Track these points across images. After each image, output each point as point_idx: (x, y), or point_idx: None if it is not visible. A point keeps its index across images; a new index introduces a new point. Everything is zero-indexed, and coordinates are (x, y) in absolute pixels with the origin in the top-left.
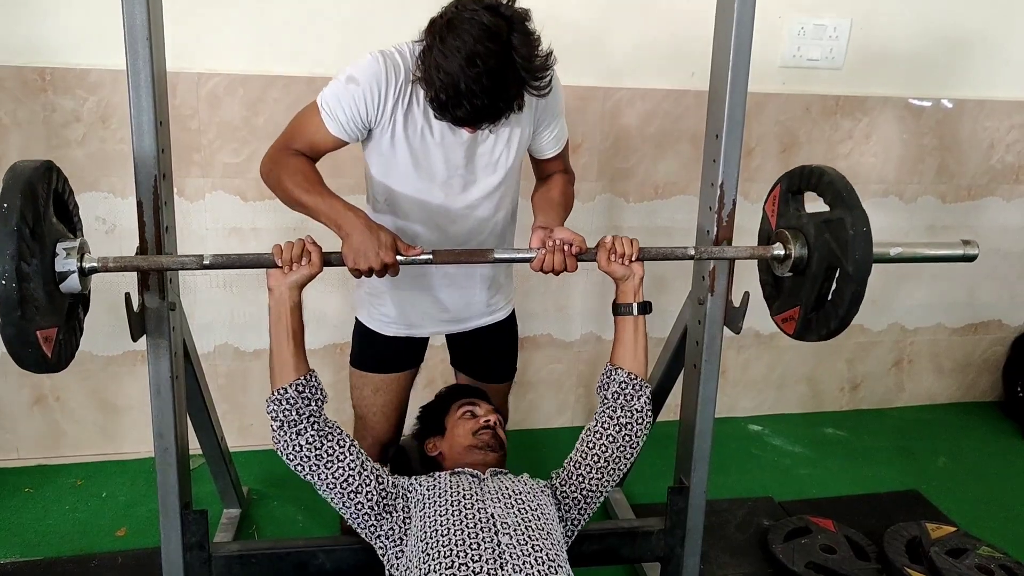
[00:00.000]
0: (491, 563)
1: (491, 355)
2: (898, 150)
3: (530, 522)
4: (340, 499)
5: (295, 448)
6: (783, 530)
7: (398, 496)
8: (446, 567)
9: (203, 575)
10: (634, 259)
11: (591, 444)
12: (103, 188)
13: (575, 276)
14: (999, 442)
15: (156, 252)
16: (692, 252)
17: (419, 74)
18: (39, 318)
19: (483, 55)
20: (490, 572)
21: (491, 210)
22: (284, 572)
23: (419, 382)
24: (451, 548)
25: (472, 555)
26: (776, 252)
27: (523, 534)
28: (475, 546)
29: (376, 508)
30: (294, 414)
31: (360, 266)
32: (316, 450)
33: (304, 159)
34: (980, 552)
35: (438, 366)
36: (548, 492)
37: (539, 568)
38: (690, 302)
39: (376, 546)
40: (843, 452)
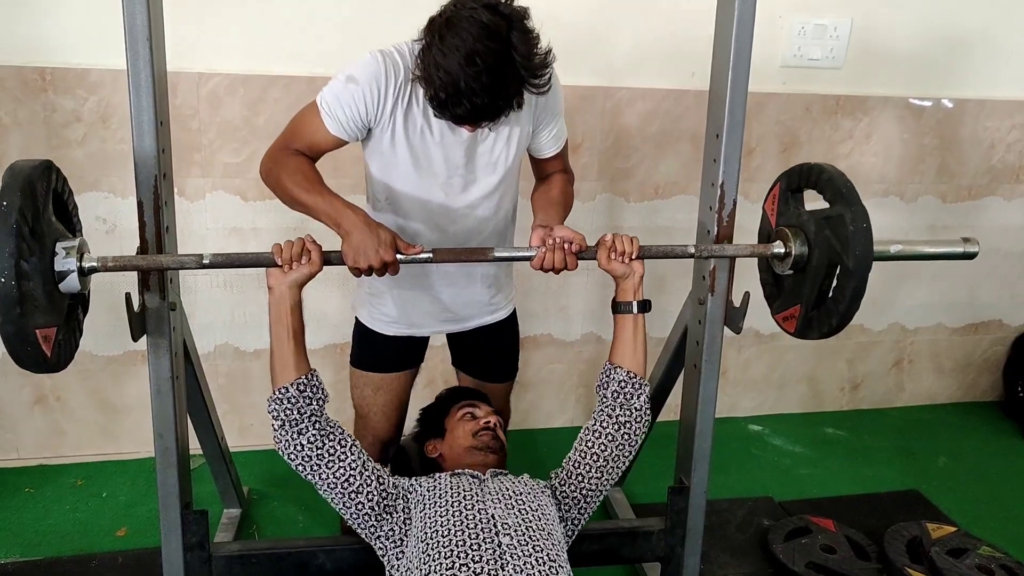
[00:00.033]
0: (492, 563)
1: (492, 354)
2: (899, 150)
3: (530, 522)
4: (340, 499)
5: (296, 448)
6: (783, 530)
7: (398, 497)
8: (446, 567)
9: (203, 575)
10: (634, 257)
11: (590, 443)
12: (103, 188)
13: (575, 276)
14: (999, 442)
15: (156, 252)
16: (692, 250)
17: (418, 73)
18: (38, 317)
19: (482, 53)
20: (491, 572)
21: (491, 210)
22: (284, 572)
23: (419, 382)
24: (451, 549)
25: (473, 555)
26: (776, 250)
27: (523, 534)
28: (476, 547)
29: (376, 509)
30: (295, 413)
31: (360, 264)
32: (317, 450)
33: (304, 159)
34: (981, 552)
35: (438, 366)
36: (548, 492)
37: (540, 568)
38: (690, 302)
39: (376, 547)
40: (843, 452)
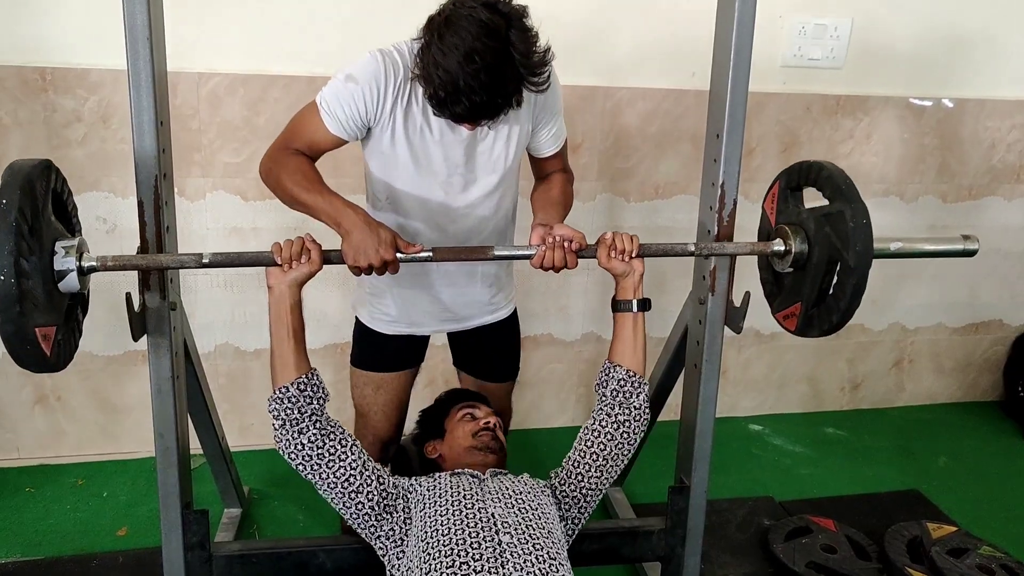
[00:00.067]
0: (492, 562)
1: (493, 354)
2: (899, 150)
3: (530, 521)
4: (341, 499)
5: (297, 447)
6: (784, 530)
7: (398, 497)
8: (447, 566)
9: (204, 575)
10: (634, 255)
11: (589, 442)
12: (104, 188)
13: (576, 275)
14: (1000, 442)
15: (157, 252)
16: (692, 248)
17: (418, 71)
18: (38, 316)
19: (481, 52)
20: (491, 571)
21: (491, 209)
22: (285, 572)
23: (420, 382)
24: (452, 548)
25: (473, 554)
26: (776, 248)
27: (523, 533)
28: (476, 545)
29: (376, 509)
30: (296, 413)
31: (360, 263)
32: (318, 449)
33: (303, 158)
34: (981, 552)
35: (439, 366)
36: (548, 492)
37: (540, 567)
38: (691, 302)
39: (376, 546)
40: (844, 452)
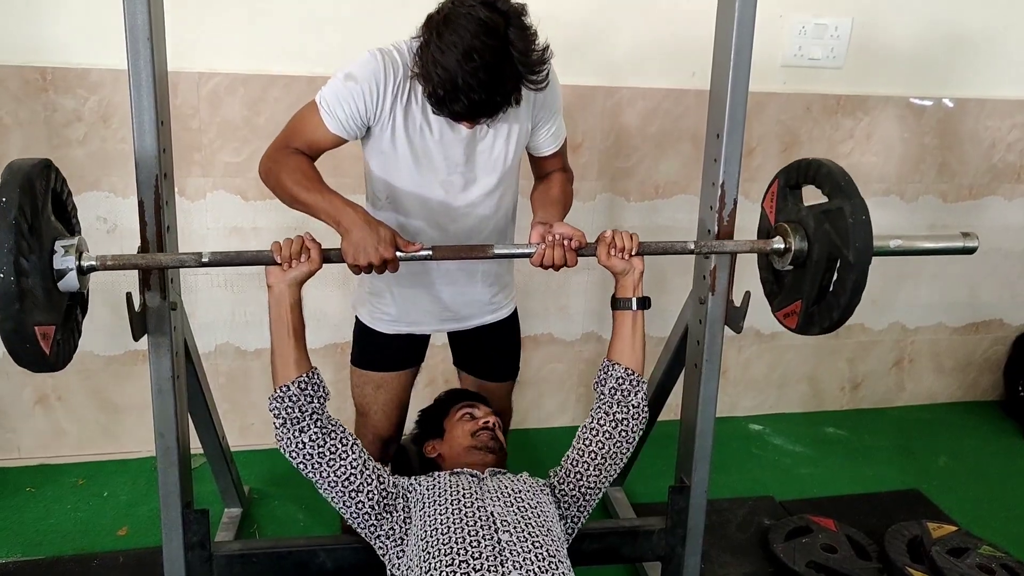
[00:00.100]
0: (491, 560)
1: (494, 353)
2: (899, 149)
3: (530, 520)
4: (341, 498)
5: (298, 446)
6: (784, 529)
7: (398, 496)
8: (446, 564)
9: (204, 574)
10: (634, 253)
11: (588, 441)
12: (104, 188)
13: (576, 275)
14: (1000, 441)
15: (157, 252)
16: (692, 246)
17: (417, 70)
18: (37, 314)
19: (480, 50)
20: (491, 569)
21: (492, 208)
22: (285, 571)
23: (420, 382)
24: (451, 546)
25: (472, 552)
26: (776, 246)
27: (523, 531)
28: (475, 544)
29: (377, 508)
30: (297, 412)
31: (360, 262)
32: (319, 448)
33: (303, 157)
34: (981, 551)
35: (439, 366)
36: (547, 491)
37: (539, 564)
38: (691, 301)
39: (376, 546)
40: (844, 451)
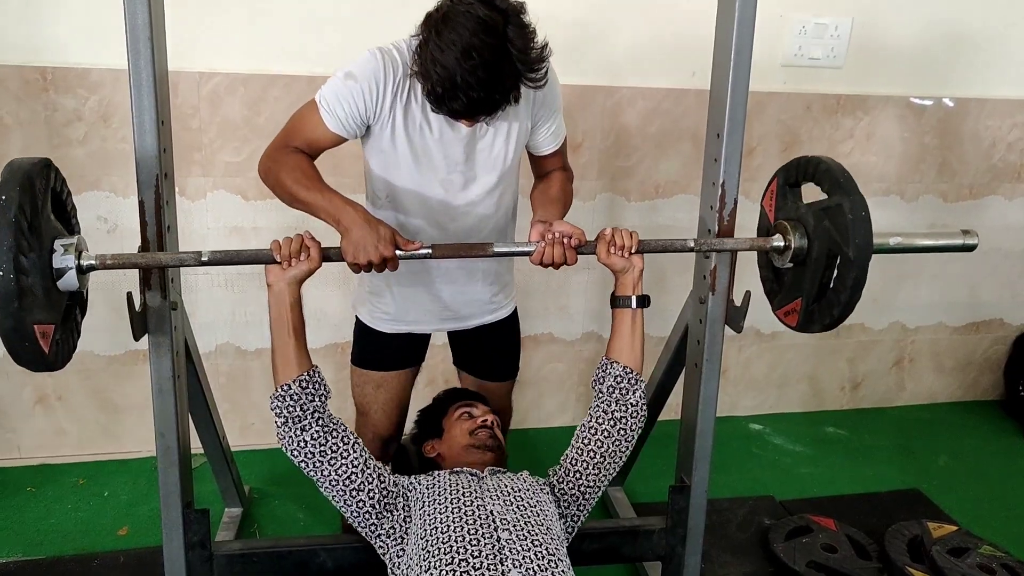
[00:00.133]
0: (491, 559)
1: (494, 353)
2: (899, 149)
3: (529, 518)
4: (342, 497)
5: (300, 444)
6: (784, 529)
7: (399, 495)
8: (446, 563)
9: (205, 574)
10: (633, 251)
11: (586, 440)
12: (104, 187)
13: (576, 274)
14: (1000, 441)
15: (157, 251)
16: (692, 244)
17: (416, 68)
18: (37, 313)
19: (479, 48)
20: (490, 567)
21: (492, 207)
22: (286, 571)
23: (420, 382)
24: (451, 545)
25: (472, 551)
26: (776, 243)
27: (522, 530)
28: (475, 542)
29: (377, 507)
30: (298, 410)
31: (359, 260)
32: (320, 446)
33: (302, 156)
34: (982, 551)
35: (439, 366)
36: (547, 490)
37: (539, 563)
38: (691, 301)
39: (376, 545)
40: (844, 451)
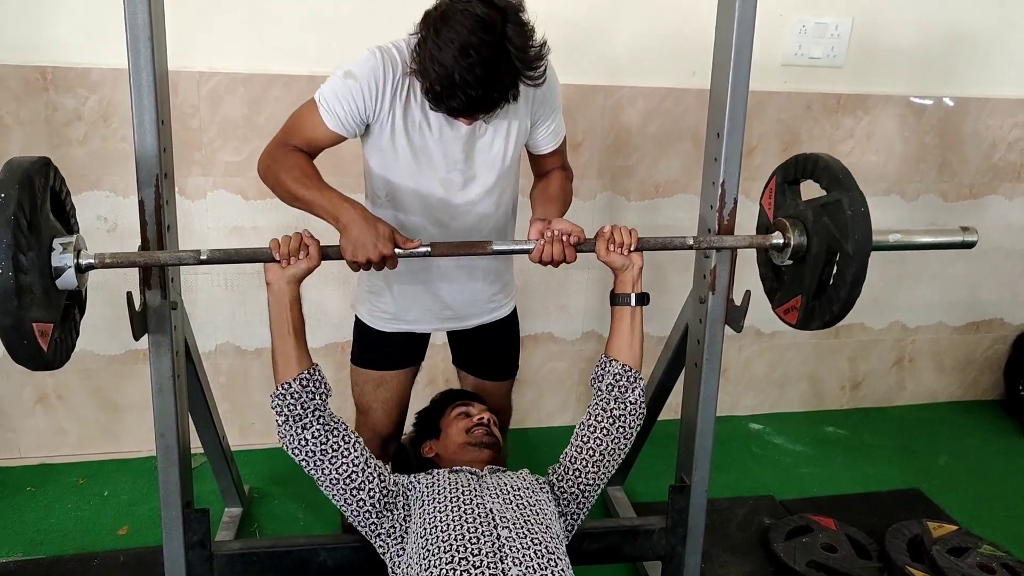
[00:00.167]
0: (491, 556)
1: (493, 353)
2: (900, 148)
3: (528, 517)
4: (342, 496)
5: (301, 443)
6: (784, 529)
7: (399, 494)
8: (446, 562)
9: (205, 573)
10: (633, 249)
11: (585, 438)
12: (104, 187)
13: (576, 274)
14: (1001, 441)
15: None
16: (691, 242)
17: (414, 66)
18: (36, 311)
19: (477, 46)
20: (490, 565)
21: (492, 206)
22: (286, 570)
23: (420, 381)
24: (451, 543)
25: (472, 549)
26: (775, 241)
27: (522, 528)
28: (475, 540)
29: (378, 506)
30: (299, 408)
31: (358, 258)
32: (321, 445)
33: (302, 155)
34: (982, 551)
35: (439, 365)
36: (546, 488)
37: (539, 561)
38: (691, 300)
39: (376, 545)
40: (844, 451)
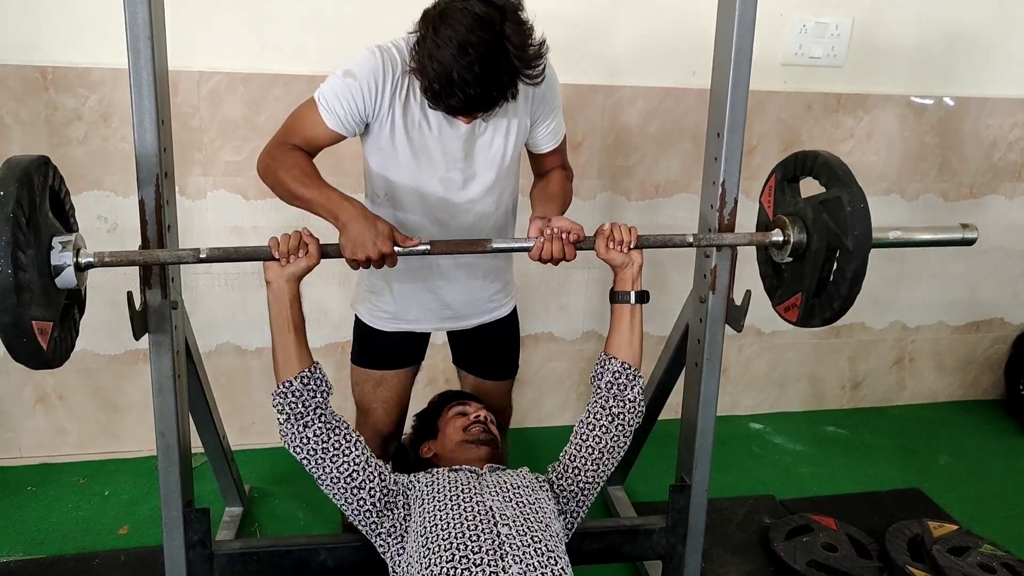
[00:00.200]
0: (491, 554)
1: (493, 352)
2: (900, 148)
3: (528, 515)
4: (343, 495)
5: (302, 441)
6: (785, 528)
7: (399, 493)
8: (447, 560)
9: (205, 573)
10: (632, 246)
11: (584, 436)
12: (105, 187)
13: (576, 273)
14: (1001, 440)
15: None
16: (690, 239)
17: (413, 65)
18: (35, 309)
19: (475, 44)
20: (490, 563)
21: (492, 205)
22: (286, 570)
23: (421, 381)
24: (451, 541)
25: (472, 546)
26: (775, 238)
27: (522, 525)
28: (475, 537)
29: (378, 505)
30: (300, 406)
31: (358, 256)
32: (323, 443)
33: (301, 154)
34: (982, 550)
35: (439, 365)
36: (546, 487)
37: (538, 559)
38: (691, 300)
39: (377, 544)
40: (844, 450)
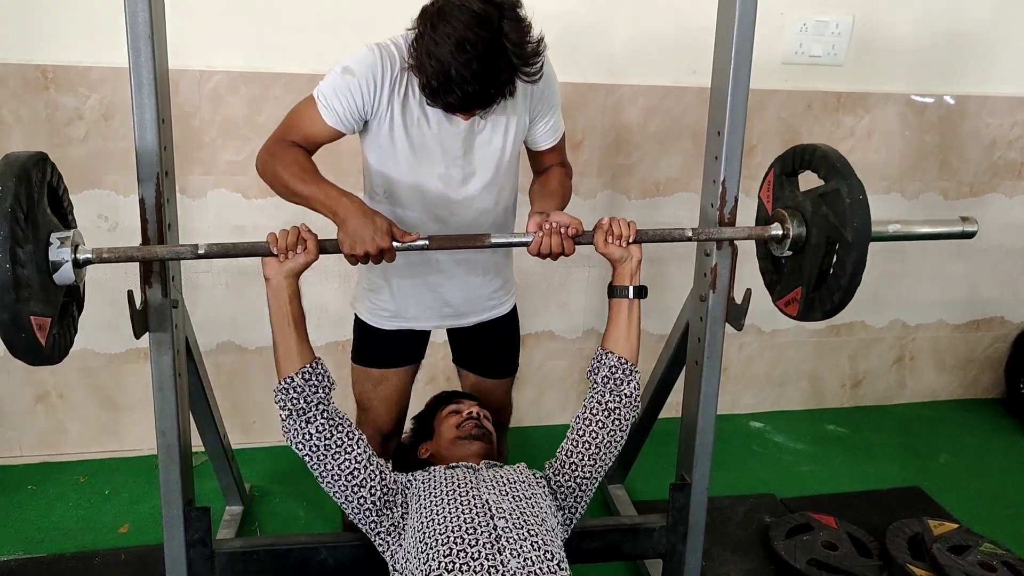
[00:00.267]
0: (488, 547)
1: (493, 351)
2: (900, 147)
3: (525, 509)
4: (344, 492)
5: (305, 437)
6: (785, 527)
7: (398, 492)
8: (444, 553)
9: (206, 572)
10: (631, 241)
11: (581, 432)
12: (105, 186)
13: (576, 271)
14: (1001, 439)
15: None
16: (689, 233)
17: (411, 62)
18: (33, 304)
19: (473, 41)
20: (487, 556)
21: (491, 202)
22: (287, 569)
23: (421, 380)
24: (448, 535)
25: (469, 540)
26: (774, 232)
27: (519, 519)
28: (471, 531)
29: (378, 504)
30: (302, 402)
31: (356, 252)
32: (325, 440)
33: (300, 150)
34: (983, 549)
35: (439, 363)
36: (543, 483)
37: (535, 553)
38: (692, 298)
39: (376, 543)
40: (845, 449)
